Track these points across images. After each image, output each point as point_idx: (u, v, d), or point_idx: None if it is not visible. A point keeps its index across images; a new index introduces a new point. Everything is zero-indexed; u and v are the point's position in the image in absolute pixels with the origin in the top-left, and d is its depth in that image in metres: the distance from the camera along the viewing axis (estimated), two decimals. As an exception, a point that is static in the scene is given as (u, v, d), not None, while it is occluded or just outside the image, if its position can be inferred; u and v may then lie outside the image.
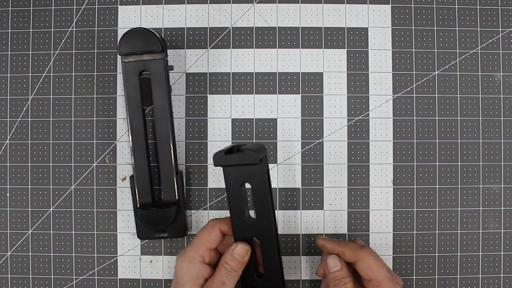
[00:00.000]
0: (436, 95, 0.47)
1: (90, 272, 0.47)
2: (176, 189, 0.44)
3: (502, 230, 0.47)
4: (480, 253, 0.47)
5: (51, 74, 0.47)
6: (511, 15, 0.48)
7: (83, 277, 0.47)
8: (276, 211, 0.47)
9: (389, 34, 0.48)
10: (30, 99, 0.47)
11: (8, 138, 0.47)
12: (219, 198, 0.47)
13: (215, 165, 0.39)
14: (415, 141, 0.47)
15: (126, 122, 0.44)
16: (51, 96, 0.47)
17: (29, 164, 0.47)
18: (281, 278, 0.40)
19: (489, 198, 0.47)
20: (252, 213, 0.40)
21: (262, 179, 0.39)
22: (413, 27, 0.48)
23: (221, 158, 0.38)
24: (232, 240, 0.40)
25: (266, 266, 0.40)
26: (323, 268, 0.41)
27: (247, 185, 0.39)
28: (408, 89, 0.47)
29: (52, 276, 0.47)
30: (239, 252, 0.39)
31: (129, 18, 0.48)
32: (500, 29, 0.48)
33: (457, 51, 0.48)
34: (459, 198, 0.47)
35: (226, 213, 0.47)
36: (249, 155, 0.38)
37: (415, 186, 0.47)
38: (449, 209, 0.47)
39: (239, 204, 0.39)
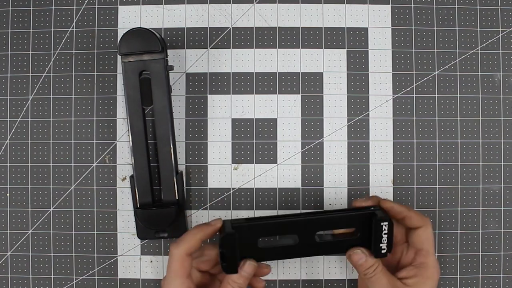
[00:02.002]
0: (436, 95, 0.47)
1: (90, 272, 0.47)
2: (176, 189, 0.44)
3: (502, 230, 0.47)
4: (480, 253, 0.47)
5: (51, 74, 0.47)
6: (511, 15, 0.48)
7: (83, 277, 0.47)
8: (276, 211, 0.47)
9: (389, 34, 0.48)
10: (30, 99, 0.47)
11: (8, 138, 0.47)
12: (219, 198, 0.47)
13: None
14: (415, 141, 0.47)
15: (126, 122, 0.44)
16: (51, 96, 0.47)
17: (29, 164, 0.47)
18: None
19: (489, 198, 0.47)
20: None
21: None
22: (413, 27, 0.48)
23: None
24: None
25: None
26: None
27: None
28: (408, 89, 0.47)
29: (52, 276, 0.47)
30: (248, 270, 0.39)
31: (129, 18, 0.48)
32: (500, 29, 0.48)
33: (457, 51, 0.48)
34: (459, 198, 0.47)
35: (226, 213, 0.47)
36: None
37: (415, 186, 0.47)
38: (449, 209, 0.47)
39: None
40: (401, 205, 0.41)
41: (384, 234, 0.40)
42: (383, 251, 0.40)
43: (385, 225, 0.40)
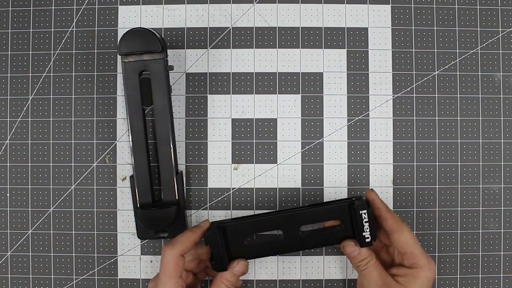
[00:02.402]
0: (436, 95, 0.47)
1: (90, 272, 0.47)
2: (176, 189, 0.44)
3: (502, 230, 0.47)
4: (480, 253, 0.47)
5: (51, 74, 0.47)
6: (511, 15, 0.48)
7: (83, 277, 0.47)
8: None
9: (389, 34, 0.48)
10: (30, 99, 0.47)
11: (8, 138, 0.47)
12: (219, 198, 0.47)
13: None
14: (415, 141, 0.47)
15: (126, 122, 0.44)
16: (51, 96, 0.47)
17: (29, 164, 0.47)
18: None
19: (489, 198, 0.47)
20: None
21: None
22: (413, 27, 0.48)
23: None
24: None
25: None
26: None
27: None
28: (408, 89, 0.47)
29: (52, 276, 0.47)
30: (240, 269, 0.41)
31: (129, 18, 0.48)
32: (500, 29, 0.48)
33: (457, 51, 0.48)
34: (459, 198, 0.47)
35: (226, 213, 0.47)
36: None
37: (415, 186, 0.47)
38: (449, 209, 0.47)
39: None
40: (382, 203, 0.41)
41: (365, 222, 0.40)
42: (367, 240, 0.40)
43: (364, 213, 0.40)
